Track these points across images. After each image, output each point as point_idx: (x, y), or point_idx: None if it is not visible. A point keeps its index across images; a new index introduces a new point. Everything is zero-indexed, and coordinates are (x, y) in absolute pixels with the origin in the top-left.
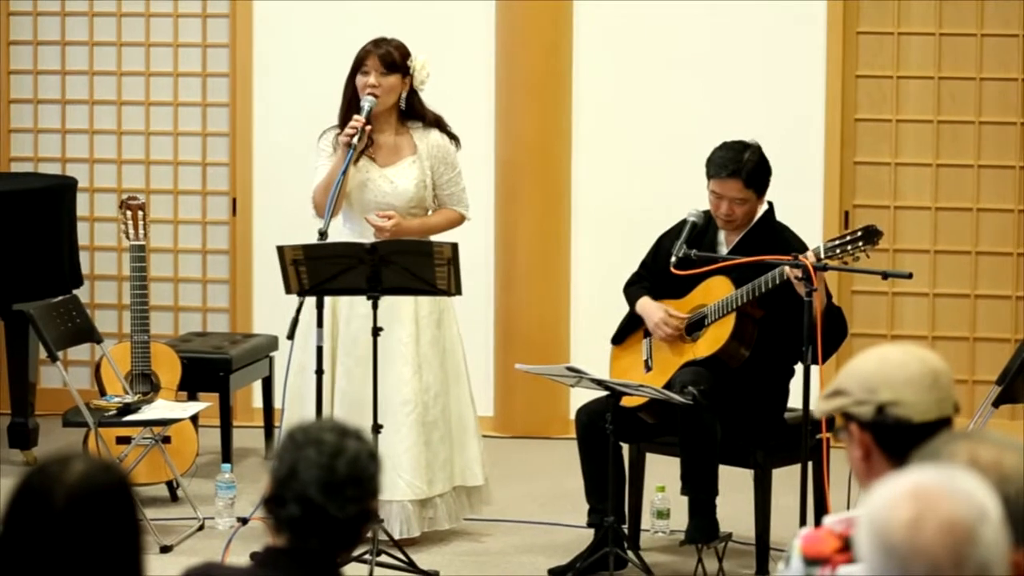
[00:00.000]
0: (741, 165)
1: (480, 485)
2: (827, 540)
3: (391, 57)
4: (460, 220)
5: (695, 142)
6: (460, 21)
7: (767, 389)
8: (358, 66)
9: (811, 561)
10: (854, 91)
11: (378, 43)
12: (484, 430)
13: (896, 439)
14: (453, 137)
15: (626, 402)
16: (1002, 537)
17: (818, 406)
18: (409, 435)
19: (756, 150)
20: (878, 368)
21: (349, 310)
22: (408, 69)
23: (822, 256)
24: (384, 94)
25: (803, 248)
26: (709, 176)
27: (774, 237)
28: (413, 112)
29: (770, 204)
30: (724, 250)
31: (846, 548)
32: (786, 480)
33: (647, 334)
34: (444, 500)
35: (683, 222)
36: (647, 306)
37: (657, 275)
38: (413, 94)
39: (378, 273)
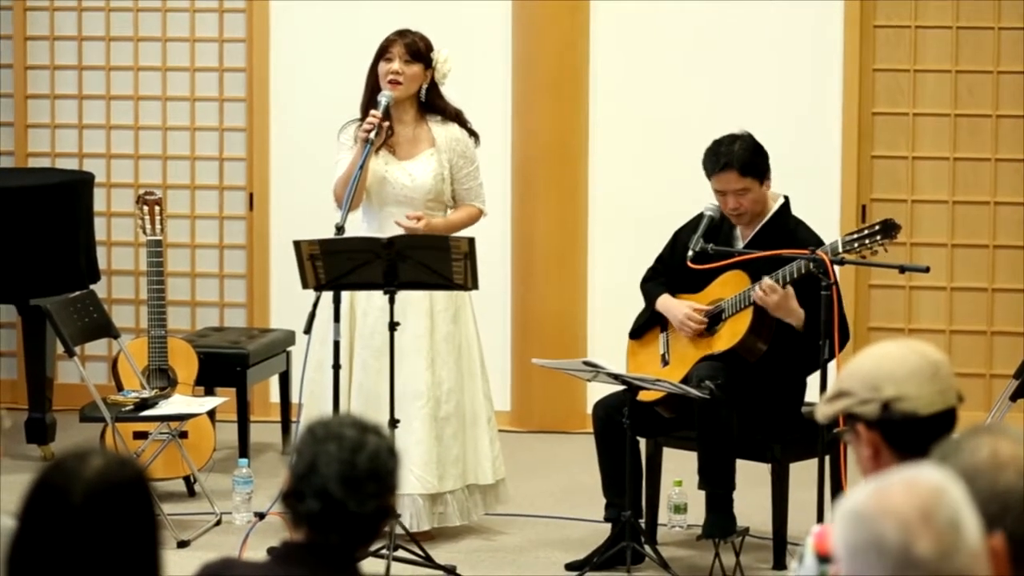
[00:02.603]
0: (732, 156)
1: (492, 484)
2: None
3: (416, 47)
4: (479, 215)
5: (712, 137)
6: (477, 19)
7: (784, 383)
8: (381, 54)
9: (824, 558)
10: (871, 85)
11: (403, 33)
12: (501, 424)
13: (905, 434)
14: (473, 133)
15: (643, 396)
16: (969, 505)
17: (821, 410)
18: (420, 428)
19: (746, 139)
20: (878, 365)
21: (367, 303)
22: (431, 61)
23: (840, 250)
24: (407, 82)
25: (819, 242)
26: (708, 176)
27: (789, 231)
28: (433, 106)
29: (785, 198)
30: (740, 245)
31: None
32: (803, 474)
33: (664, 328)
34: (455, 497)
35: (700, 216)
36: (669, 304)
37: (673, 270)
38: (433, 87)
39: (395, 268)
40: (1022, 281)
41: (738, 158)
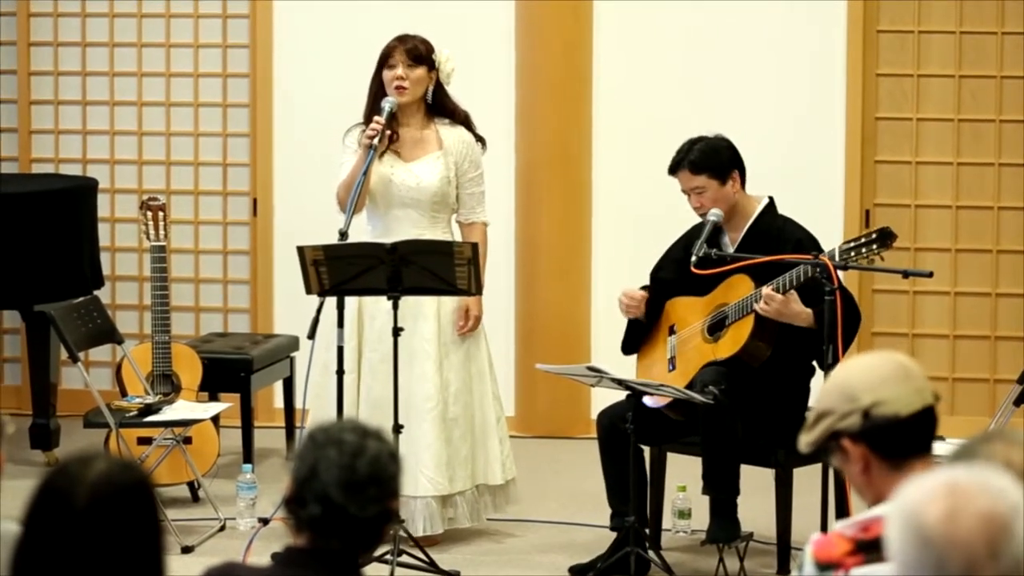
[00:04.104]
0: (684, 156)
1: (502, 484)
2: (837, 544)
3: (418, 51)
4: (486, 230)
5: None
6: (480, 21)
7: (788, 388)
8: (384, 61)
9: (823, 566)
10: (875, 90)
11: (403, 38)
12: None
13: (890, 439)
14: (480, 139)
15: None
16: None
17: (803, 439)
18: (430, 431)
19: (710, 139)
20: (850, 377)
21: (374, 307)
22: (434, 63)
23: (836, 259)
24: (412, 86)
25: (808, 238)
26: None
27: (776, 231)
28: (443, 108)
29: (770, 199)
30: (729, 249)
31: (857, 551)
32: (807, 479)
33: (672, 332)
34: (465, 498)
35: (701, 224)
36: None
37: (663, 284)
38: (440, 89)
39: (398, 273)
40: None
41: (689, 159)
